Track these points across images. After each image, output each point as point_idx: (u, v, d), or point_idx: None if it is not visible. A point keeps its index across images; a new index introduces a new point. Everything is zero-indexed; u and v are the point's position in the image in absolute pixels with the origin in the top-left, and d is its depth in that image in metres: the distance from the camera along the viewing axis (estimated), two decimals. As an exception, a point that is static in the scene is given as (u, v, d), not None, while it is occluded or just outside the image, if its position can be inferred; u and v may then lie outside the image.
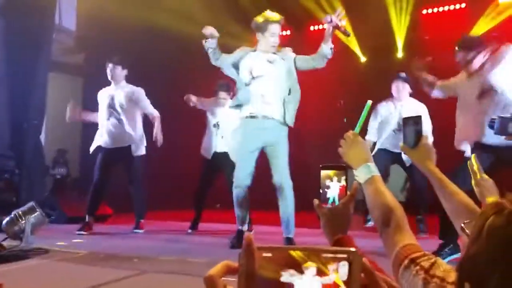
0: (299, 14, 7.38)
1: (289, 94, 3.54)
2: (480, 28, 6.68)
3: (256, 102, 3.51)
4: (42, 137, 5.79)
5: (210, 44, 3.56)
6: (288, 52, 3.65)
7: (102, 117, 4.51)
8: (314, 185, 1.25)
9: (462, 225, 0.98)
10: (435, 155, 1.31)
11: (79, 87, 7.20)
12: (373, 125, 4.38)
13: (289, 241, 3.44)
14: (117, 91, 4.49)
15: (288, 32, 7.83)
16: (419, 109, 4.16)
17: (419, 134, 1.31)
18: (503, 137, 2.21)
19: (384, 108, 4.34)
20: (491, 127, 1.97)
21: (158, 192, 6.10)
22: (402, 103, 4.29)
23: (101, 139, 4.50)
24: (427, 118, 4.23)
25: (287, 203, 3.46)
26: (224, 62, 3.62)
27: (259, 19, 3.57)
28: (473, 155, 1.68)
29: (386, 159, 4.23)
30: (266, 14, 3.57)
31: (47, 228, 3.81)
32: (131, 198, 4.57)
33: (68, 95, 6.99)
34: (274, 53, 3.59)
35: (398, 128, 4.20)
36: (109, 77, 4.50)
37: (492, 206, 0.68)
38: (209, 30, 3.52)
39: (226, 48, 3.74)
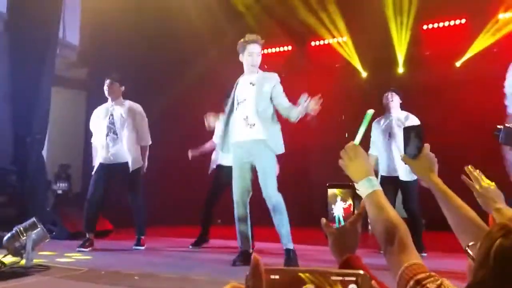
0: (300, 30, 7.45)
1: (271, 118, 3.57)
2: (480, 43, 6.73)
3: (240, 126, 3.58)
4: (44, 151, 5.78)
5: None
6: (272, 76, 3.67)
7: (100, 134, 4.51)
8: (317, 201, 1.24)
9: (467, 248, 0.95)
10: (437, 165, 1.27)
11: (83, 101, 7.23)
12: (372, 140, 4.46)
13: (288, 252, 3.44)
14: (115, 107, 4.51)
15: (290, 48, 7.89)
16: (410, 121, 4.20)
17: (420, 144, 1.26)
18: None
19: (376, 124, 4.44)
20: (496, 136, 1.90)
21: (159, 208, 6.07)
22: (392, 115, 4.37)
23: (99, 155, 4.49)
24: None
25: (277, 216, 3.47)
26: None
27: (240, 40, 3.67)
28: (468, 166, 1.56)
29: (389, 193, 4.01)
30: (246, 35, 3.68)
31: (49, 244, 3.78)
32: (131, 213, 4.52)
33: (72, 110, 7.05)
34: (257, 72, 3.67)
35: (388, 137, 4.30)
36: (106, 94, 4.51)
37: (499, 228, 0.67)
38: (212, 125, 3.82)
39: (228, 61, 3.77)
